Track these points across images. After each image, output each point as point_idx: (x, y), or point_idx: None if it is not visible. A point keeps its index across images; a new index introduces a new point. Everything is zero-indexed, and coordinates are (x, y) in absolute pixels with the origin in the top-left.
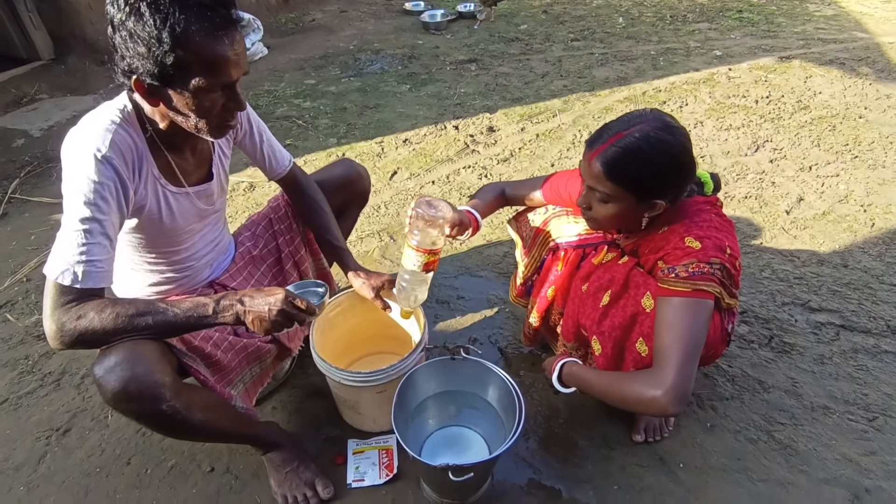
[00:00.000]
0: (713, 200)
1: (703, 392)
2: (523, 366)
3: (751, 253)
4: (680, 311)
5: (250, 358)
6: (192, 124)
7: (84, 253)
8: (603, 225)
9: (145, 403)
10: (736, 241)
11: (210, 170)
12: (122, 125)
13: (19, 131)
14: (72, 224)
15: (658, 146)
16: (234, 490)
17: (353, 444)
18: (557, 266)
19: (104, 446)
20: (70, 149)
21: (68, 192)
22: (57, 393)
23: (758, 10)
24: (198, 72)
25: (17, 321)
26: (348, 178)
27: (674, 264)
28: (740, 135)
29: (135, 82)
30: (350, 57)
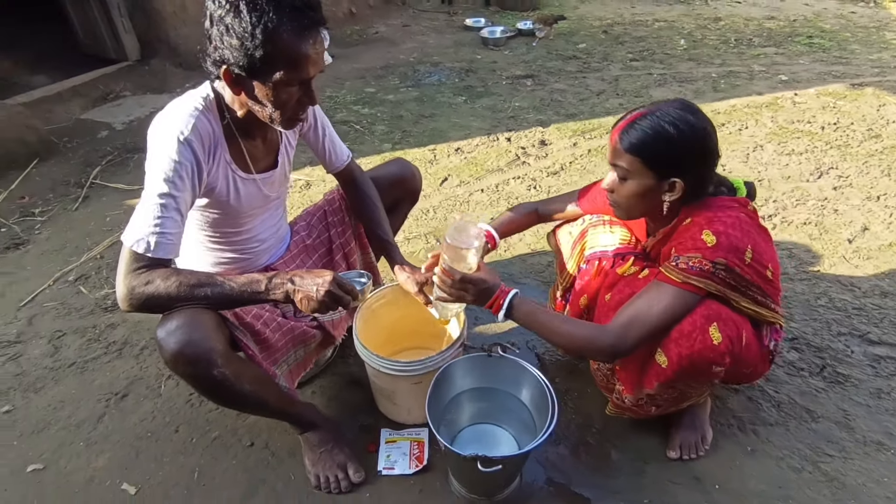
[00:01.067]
0: (744, 202)
1: (746, 415)
2: (560, 373)
3: (806, 279)
4: (662, 294)
5: (296, 340)
6: (267, 114)
7: (158, 225)
8: (627, 210)
9: (199, 367)
10: (768, 247)
11: (276, 158)
12: (204, 112)
13: (104, 124)
14: (150, 198)
15: (677, 122)
16: (270, 465)
17: (386, 433)
18: (591, 277)
19: (156, 413)
20: (156, 130)
21: (150, 169)
22: (118, 361)
23: (830, 37)
24: (281, 66)
25: (89, 293)
26: (402, 176)
27: (680, 254)
28: (803, 160)
29: (224, 71)
30: (409, 68)
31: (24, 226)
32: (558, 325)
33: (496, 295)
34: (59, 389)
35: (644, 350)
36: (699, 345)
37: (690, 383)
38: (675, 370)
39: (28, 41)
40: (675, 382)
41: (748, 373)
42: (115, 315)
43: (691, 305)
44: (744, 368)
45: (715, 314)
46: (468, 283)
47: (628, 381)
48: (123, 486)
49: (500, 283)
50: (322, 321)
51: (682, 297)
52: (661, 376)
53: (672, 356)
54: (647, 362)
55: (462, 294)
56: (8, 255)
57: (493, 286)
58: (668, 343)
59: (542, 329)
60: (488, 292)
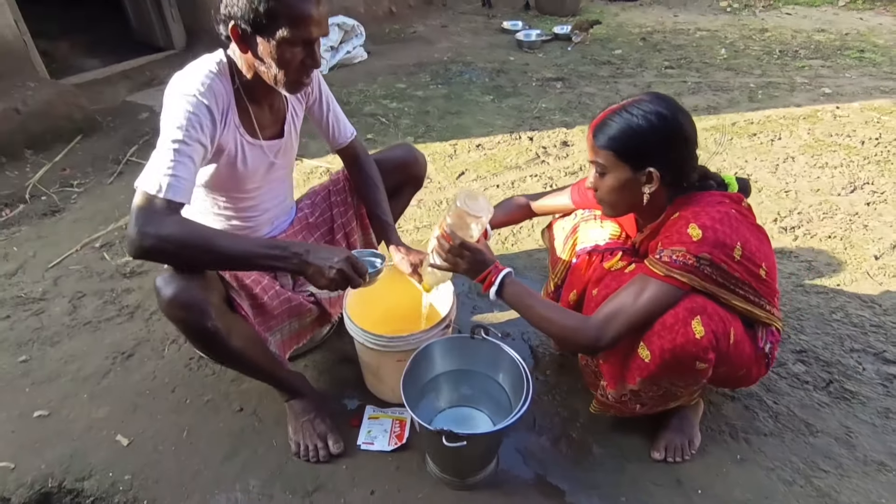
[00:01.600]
0: (737, 198)
1: (740, 423)
2: (551, 367)
3: (823, 293)
4: (645, 287)
5: (291, 312)
6: (272, 75)
7: (171, 168)
8: (612, 205)
9: (193, 314)
10: (763, 245)
11: (283, 128)
12: (218, 75)
13: (146, 107)
14: (164, 144)
15: (646, 113)
16: (255, 430)
17: (371, 409)
18: (581, 271)
19: (157, 373)
20: (173, 88)
21: (165, 121)
22: (129, 323)
23: (883, 52)
24: (284, 23)
25: (111, 260)
26: (405, 160)
27: (665, 247)
28: (836, 174)
29: (231, 28)
30: (441, 67)
31: (63, 195)
32: (545, 311)
33: (489, 270)
34: (73, 345)
35: (627, 344)
36: (681, 338)
37: (675, 381)
38: (658, 364)
39: (85, 26)
40: (659, 378)
41: (741, 375)
42: (132, 281)
43: (675, 299)
44: (735, 369)
45: (699, 307)
46: (466, 249)
47: (611, 375)
48: (118, 437)
49: (495, 260)
50: (319, 297)
51: (665, 291)
52: (643, 371)
53: (654, 349)
54: (629, 356)
55: (457, 261)
56: (45, 220)
57: (488, 260)
58: (651, 336)
59: (528, 312)
60: (482, 265)
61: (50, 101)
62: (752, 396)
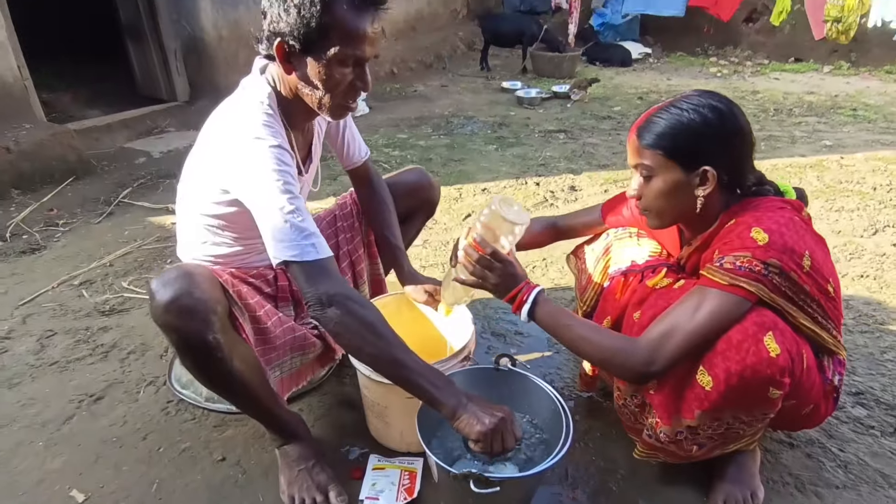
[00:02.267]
0: (798, 205)
1: (805, 475)
2: (580, 411)
3: (868, 332)
4: (704, 299)
5: (295, 343)
6: (316, 98)
7: (304, 227)
8: (659, 214)
9: (194, 323)
10: (828, 260)
11: (310, 150)
12: (274, 118)
13: (143, 152)
14: (282, 209)
15: (697, 106)
16: (238, 484)
17: (375, 459)
18: (616, 295)
19: (128, 418)
20: (246, 146)
21: (259, 182)
22: (102, 363)
23: (875, 110)
24: (336, 41)
25: (89, 298)
26: (419, 184)
27: (725, 254)
28: (854, 217)
29: (277, 46)
30: (443, 120)
31: (45, 234)
32: (585, 332)
33: (520, 287)
34: (34, 387)
35: (683, 370)
36: (752, 357)
37: (741, 413)
38: (722, 392)
39: (90, 80)
40: (722, 410)
41: (808, 413)
42: (111, 319)
43: (740, 313)
44: (804, 404)
45: (770, 322)
46: (498, 261)
47: (664, 407)
48: (72, 492)
49: (527, 276)
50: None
51: (729, 303)
52: (704, 402)
53: (718, 374)
54: (686, 384)
55: (485, 274)
56: (22, 258)
57: (520, 276)
58: (714, 358)
59: (566, 334)
60: (513, 280)
61: (43, 141)
62: (812, 443)
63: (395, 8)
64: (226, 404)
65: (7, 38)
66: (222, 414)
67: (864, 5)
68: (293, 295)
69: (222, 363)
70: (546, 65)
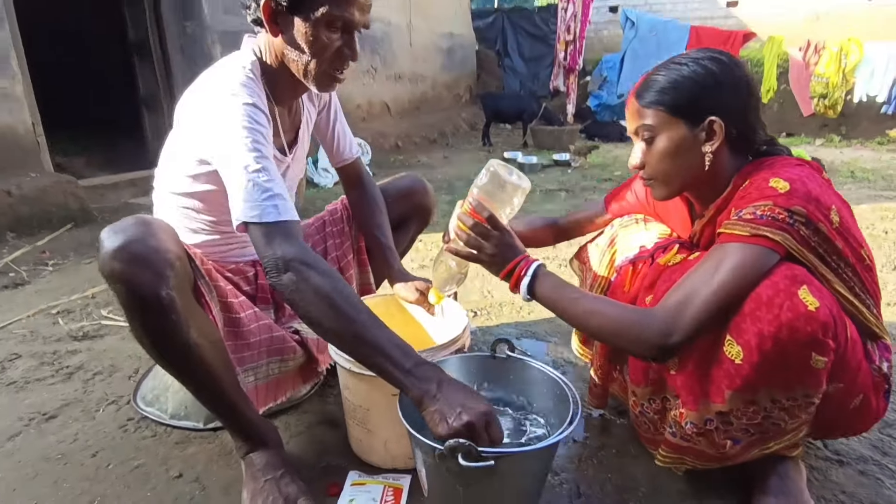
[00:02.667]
0: (817, 166)
1: (862, 493)
2: (590, 428)
3: None
4: (725, 255)
5: (273, 346)
6: (303, 64)
7: (268, 188)
8: (665, 179)
9: (145, 273)
10: (855, 224)
11: (297, 134)
12: (254, 80)
13: (146, 207)
14: (247, 168)
15: (696, 59)
16: (194, 500)
17: (355, 475)
18: (624, 287)
19: (79, 436)
20: (216, 98)
21: (228, 140)
22: (63, 384)
23: (872, 173)
24: (325, 1)
25: (64, 325)
26: (412, 188)
27: (744, 207)
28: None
29: (264, 5)
30: (444, 182)
31: (33, 272)
32: (594, 304)
33: (518, 260)
34: None
35: (708, 341)
36: (787, 313)
37: (779, 394)
38: (755, 364)
39: (104, 146)
40: (757, 389)
41: (857, 408)
42: (82, 343)
43: (768, 267)
44: (852, 392)
45: (803, 276)
46: (496, 228)
47: (688, 389)
48: None
49: (525, 250)
50: (305, 336)
51: (754, 255)
52: (735, 379)
53: (749, 339)
54: (713, 359)
55: (480, 244)
56: (3, 292)
57: (518, 247)
58: (742, 322)
59: (572, 308)
60: (511, 251)
61: (46, 188)
62: (865, 461)
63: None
64: (192, 421)
65: (23, 94)
66: (187, 431)
67: (848, 82)
68: (274, 296)
69: (177, 328)
70: (546, 138)
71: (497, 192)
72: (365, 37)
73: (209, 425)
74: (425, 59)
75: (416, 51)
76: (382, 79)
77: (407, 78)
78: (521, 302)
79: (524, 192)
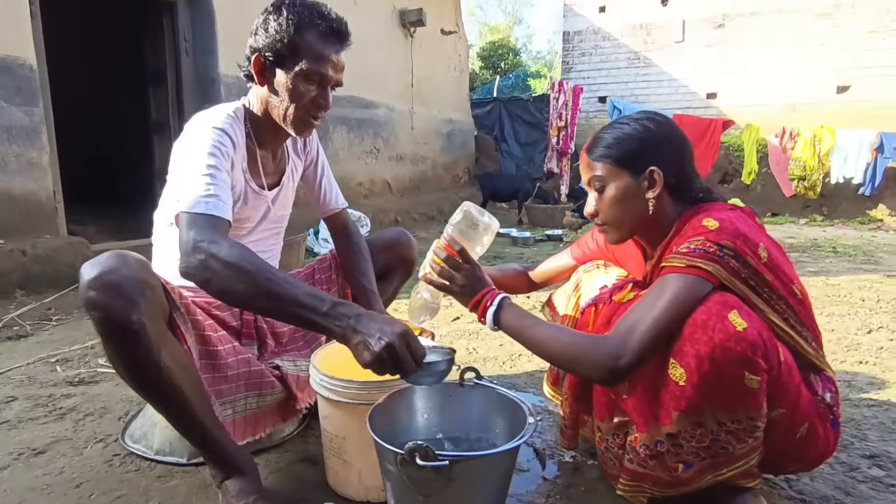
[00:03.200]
0: (749, 212)
1: None
2: (561, 468)
3: (875, 406)
4: (665, 285)
5: (251, 380)
6: (283, 109)
7: (209, 188)
8: (616, 224)
9: (117, 300)
10: (787, 263)
11: (281, 178)
12: (235, 119)
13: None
14: (196, 169)
15: (637, 119)
16: None
17: None
18: (588, 327)
19: (65, 469)
20: (196, 122)
21: (191, 150)
22: (55, 423)
23: (853, 248)
24: (304, 58)
25: (62, 372)
26: (397, 240)
27: (680, 244)
28: (846, 320)
29: (255, 59)
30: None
31: (36, 326)
32: (552, 331)
33: (485, 292)
34: None
35: (654, 366)
36: (719, 334)
37: (721, 415)
38: (696, 384)
39: (117, 217)
40: (701, 410)
41: (805, 437)
42: (77, 388)
43: (702, 294)
44: (795, 420)
45: (734, 302)
46: (467, 261)
47: (638, 411)
48: None
49: (492, 283)
50: (286, 372)
51: (688, 283)
52: (679, 401)
53: (689, 362)
54: (660, 383)
55: (452, 275)
56: (5, 343)
57: (485, 280)
58: (683, 345)
59: (531, 335)
60: (478, 283)
61: (59, 248)
62: (828, 500)
63: (402, 170)
64: (176, 456)
65: (48, 164)
66: (171, 466)
67: (824, 165)
68: (258, 332)
69: (148, 352)
70: (540, 215)
71: (469, 231)
72: (368, 121)
73: (192, 461)
74: (426, 141)
75: (418, 134)
76: (385, 159)
77: (408, 159)
78: (504, 357)
79: (493, 231)
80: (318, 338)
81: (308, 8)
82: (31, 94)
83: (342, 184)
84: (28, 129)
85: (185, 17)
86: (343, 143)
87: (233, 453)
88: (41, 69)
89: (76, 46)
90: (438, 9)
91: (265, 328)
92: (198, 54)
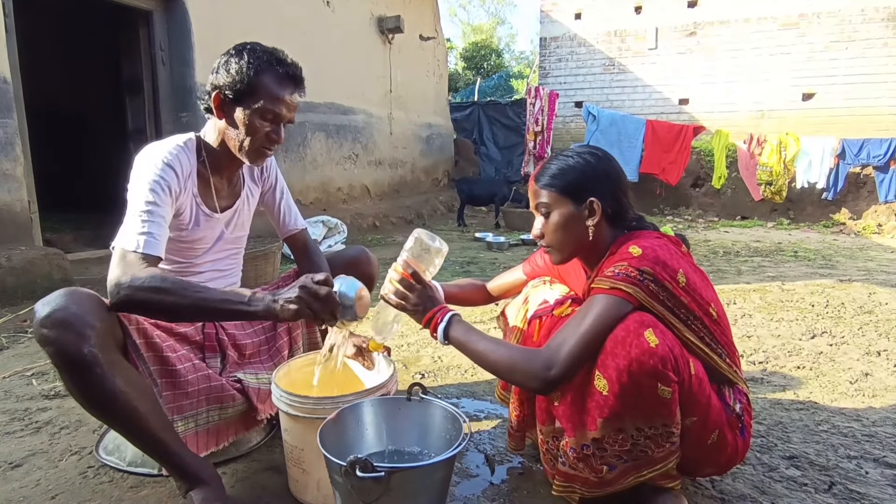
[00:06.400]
0: (676, 241)
1: None
2: (509, 473)
3: (803, 409)
4: (591, 305)
5: (211, 394)
6: (238, 141)
7: (144, 226)
8: (559, 247)
9: (68, 335)
10: (707, 286)
11: (235, 203)
12: (185, 148)
13: None
14: (136, 206)
15: (579, 153)
16: None
17: None
18: (533, 338)
19: (41, 482)
20: (144, 156)
21: (135, 187)
22: (32, 437)
23: (814, 253)
24: (261, 98)
25: (38, 385)
26: (357, 258)
27: (608, 267)
28: (793, 325)
29: (215, 95)
30: None
31: (12, 339)
32: (493, 346)
33: (436, 310)
34: None
35: (582, 377)
36: (635, 349)
37: (640, 422)
38: (617, 394)
39: (94, 226)
40: (622, 417)
41: (716, 443)
42: (52, 402)
43: (623, 313)
44: (706, 427)
45: (650, 321)
46: (419, 283)
47: (567, 418)
48: None
49: (444, 302)
50: (247, 386)
51: (612, 303)
52: (603, 409)
53: (611, 374)
54: (587, 393)
55: (407, 294)
56: None
57: (437, 299)
58: (605, 358)
59: (475, 348)
60: (431, 302)
61: (34, 259)
62: (744, 499)
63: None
64: (147, 468)
65: (23, 175)
66: (142, 476)
67: (790, 171)
68: (221, 345)
69: (102, 381)
70: (517, 220)
71: (422, 255)
72: (347, 126)
73: (163, 472)
74: (405, 146)
75: (397, 139)
76: (364, 164)
77: (387, 163)
78: (467, 366)
79: (443, 254)
80: (280, 352)
81: (268, 53)
82: (4, 107)
83: (321, 189)
84: (2, 140)
85: (162, 27)
86: (322, 149)
87: (194, 465)
88: (15, 81)
89: (52, 55)
90: (417, 15)
91: (226, 341)
92: (174, 64)
